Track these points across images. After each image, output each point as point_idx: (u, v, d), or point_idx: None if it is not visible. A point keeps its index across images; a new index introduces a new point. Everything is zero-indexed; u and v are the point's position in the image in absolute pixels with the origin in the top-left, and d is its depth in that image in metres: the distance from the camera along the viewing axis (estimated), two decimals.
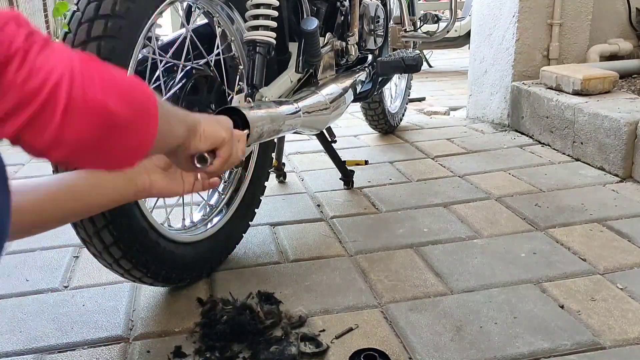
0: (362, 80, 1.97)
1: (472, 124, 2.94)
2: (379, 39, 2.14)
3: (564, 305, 1.29)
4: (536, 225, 1.70)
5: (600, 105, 2.22)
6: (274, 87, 1.50)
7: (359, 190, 2.05)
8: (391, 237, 1.66)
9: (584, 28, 2.78)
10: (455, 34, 5.28)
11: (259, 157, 1.61)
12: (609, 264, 1.46)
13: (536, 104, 2.53)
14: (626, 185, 1.99)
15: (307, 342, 1.18)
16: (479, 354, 1.14)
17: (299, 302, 1.34)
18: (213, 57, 1.41)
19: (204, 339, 1.20)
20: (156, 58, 1.24)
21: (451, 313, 1.28)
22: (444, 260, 1.51)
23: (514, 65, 2.76)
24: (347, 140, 2.67)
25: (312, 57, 1.61)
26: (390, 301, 1.34)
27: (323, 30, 1.77)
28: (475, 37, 3.06)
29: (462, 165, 2.27)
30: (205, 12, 1.43)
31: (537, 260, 1.50)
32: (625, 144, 2.03)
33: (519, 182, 2.06)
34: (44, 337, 1.24)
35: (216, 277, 1.47)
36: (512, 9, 2.73)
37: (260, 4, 1.39)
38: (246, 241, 1.63)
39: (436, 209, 1.85)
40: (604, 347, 1.15)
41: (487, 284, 1.39)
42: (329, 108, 1.63)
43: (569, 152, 2.33)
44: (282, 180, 2.16)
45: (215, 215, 1.52)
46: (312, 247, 1.63)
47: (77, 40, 1.08)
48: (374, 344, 1.18)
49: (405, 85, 2.90)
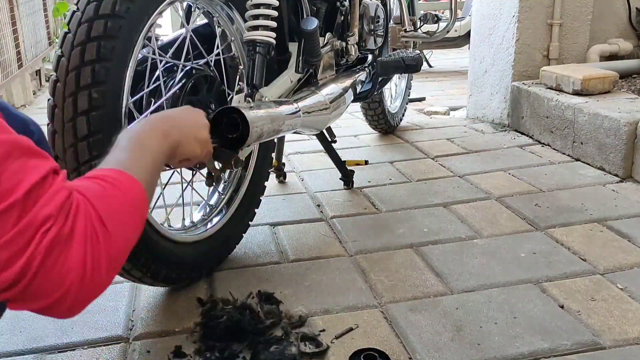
0: (362, 80, 1.97)
1: (472, 124, 2.93)
2: (379, 39, 2.14)
3: (564, 305, 1.29)
4: (536, 225, 1.70)
5: (600, 105, 2.22)
6: (274, 87, 1.50)
7: (359, 190, 2.05)
8: (391, 237, 1.66)
9: (584, 28, 2.78)
10: (455, 34, 5.28)
11: (259, 157, 1.61)
12: (609, 264, 1.46)
13: (536, 104, 2.53)
14: (626, 185, 1.99)
15: (307, 342, 1.18)
16: (479, 354, 1.14)
17: (299, 302, 1.34)
18: (213, 57, 1.41)
19: (204, 339, 1.20)
20: (156, 58, 1.24)
21: (451, 313, 1.28)
22: (444, 260, 1.51)
23: (514, 65, 2.76)
24: (347, 140, 2.67)
25: (312, 57, 1.61)
26: (390, 301, 1.34)
27: (323, 30, 1.76)
28: (475, 37, 3.06)
29: (462, 165, 2.27)
30: (205, 12, 1.43)
31: (537, 260, 1.50)
32: (625, 144, 2.03)
33: (519, 182, 2.06)
34: (44, 337, 1.24)
35: (216, 277, 1.47)
36: (512, 9, 2.73)
37: (260, 4, 1.39)
38: (246, 241, 1.62)
39: (436, 209, 1.85)
40: (604, 347, 1.15)
41: (487, 284, 1.39)
42: (329, 108, 1.62)
43: (569, 152, 2.32)
44: (282, 180, 2.16)
45: (215, 215, 1.52)
46: (312, 247, 1.63)
47: (77, 40, 1.08)
48: (374, 344, 1.18)
49: (405, 85, 2.90)
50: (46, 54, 5.13)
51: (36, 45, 4.81)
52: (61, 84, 1.08)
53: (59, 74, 1.09)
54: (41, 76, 4.96)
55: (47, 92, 1.12)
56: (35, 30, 4.87)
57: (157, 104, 1.23)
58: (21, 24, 4.37)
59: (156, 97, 1.24)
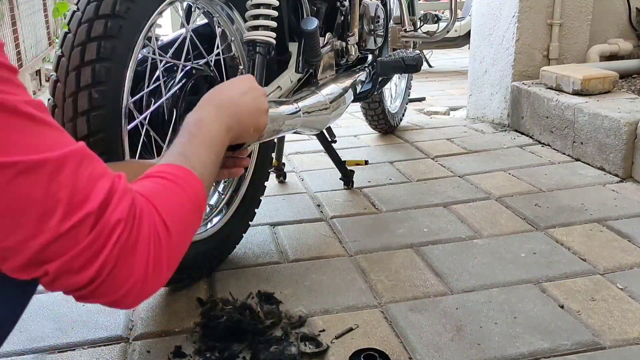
0: (362, 80, 1.97)
1: (472, 124, 2.94)
2: (379, 39, 2.13)
3: (564, 305, 1.29)
4: (536, 225, 1.70)
5: (600, 105, 2.22)
6: (274, 87, 1.50)
7: (359, 190, 2.05)
8: (391, 237, 1.66)
9: (584, 28, 2.78)
10: (455, 34, 5.28)
11: (259, 157, 1.61)
12: (609, 264, 1.46)
13: (536, 104, 2.53)
14: (626, 185, 1.99)
15: (307, 342, 1.18)
16: (479, 354, 1.14)
17: (299, 302, 1.34)
18: (213, 57, 1.41)
19: (204, 339, 1.20)
20: (156, 58, 1.24)
21: (451, 313, 1.28)
22: (444, 260, 1.51)
23: (514, 65, 2.76)
24: (347, 140, 2.67)
25: (312, 57, 1.61)
26: (390, 301, 1.34)
27: (323, 30, 1.76)
28: (475, 37, 3.06)
29: (462, 165, 2.27)
30: (205, 12, 1.43)
31: (537, 260, 1.50)
32: (625, 144, 2.03)
33: (519, 182, 2.06)
34: (44, 337, 1.24)
35: (216, 277, 1.47)
36: (512, 9, 2.73)
37: (260, 4, 1.39)
38: (246, 241, 1.62)
39: (436, 209, 1.85)
40: (604, 347, 1.15)
41: (487, 284, 1.39)
42: (329, 108, 1.62)
43: (569, 152, 2.32)
44: (282, 180, 2.16)
45: (215, 215, 1.52)
46: (312, 247, 1.63)
47: (77, 40, 1.08)
48: (374, 344, 1.18)
49: (405, 85, 2.90)
50: (46, 54, 5.13)
51: (36, 45, 4.81)
52: (61, 84, 1.08)
53: (59, 74, 1.09)
54: (41, 76, 4.96)
55: (47, 92, 1.12)
56: (35, 30, 4.87)
57: (157, 104, 1.23)
58: (21, 24, 4.37)
59: (156, 97, 1.24)
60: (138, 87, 1.23)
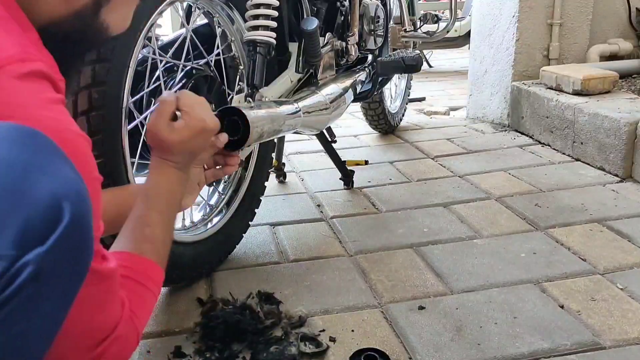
0: (362, 80, 1.97)
1: (472, 124, 2.94)
2: (379, 39, 2.13)
3: (564, 305, 1.29)
4: (536, 225, 1.70)
5: (600, 105, 2.22)
6: (274, 87, 1.50)
7: (359, 190, 2.05)
8: (391, 237, 1.66)
9: (584, 28, 2.78)
10: (455, 34, 5.27)
11: (259, 157, 1.61)
12: (609, 264, 1.46)
13: (536, 104, 2.53)
14: (626, 185, 1.99)
15: (307, 342, 1.18)
16: (479, 354, 1.14)
17: (299, 302, 1.34)
18: (213, 57, 1.41)
19: (204, 339, 1.20)
20: (156, 58, 1.24)
21: (451, 313, 1.28)
22: (444, 260, 1.51)
23: (514, 65, 2.76)
24: (347, 140, 2.67)
25: (312, 57, 1.61)
26: (390, 301, 1.34)
27: (323, 30, 1.76)
28: (475, 37, 3.06)
29: (462, 165, 2.27)
30: (205, 12, 1.43)
31: (537, 260, 1.50)
32: (625, 144, 2.03)
33: (519, 182, 2.06)
34: None
35: (216, 277, 1.47)
36: (512, 9, 2.73)
37: (260, 4, 1.39)
38: (246, 241, 1.62)
39: (436, 209, 1.85)
40: (604, 347, 1.15)
41: (487, 284, 1.39)
42: (329, 108, 1.62)
43: (569, 152, 2.33)
44: (282, 180, 2.16)
45: (215, 215, 1.52)
46: (312, 247, 1.63)
47: None
48: (374, 344, 1.18)
49: (405, 85, 2.90)
50: None
51: None
52: None
53: None
54: None
55: None
56: None
57: (157, 104, 1.23)
58: None
59: (156, 97, 1.24)
60: (138, 87, 1.23)
